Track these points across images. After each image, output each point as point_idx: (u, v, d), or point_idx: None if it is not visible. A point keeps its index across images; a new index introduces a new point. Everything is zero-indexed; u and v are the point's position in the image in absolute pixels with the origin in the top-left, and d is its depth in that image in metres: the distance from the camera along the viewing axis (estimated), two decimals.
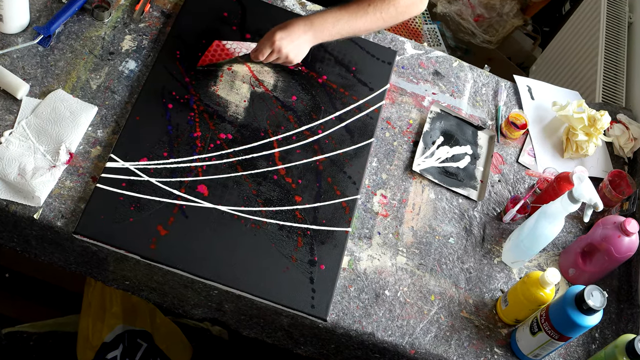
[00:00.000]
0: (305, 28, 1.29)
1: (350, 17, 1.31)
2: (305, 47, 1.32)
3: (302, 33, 1.29)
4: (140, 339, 1.73)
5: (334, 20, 1.30)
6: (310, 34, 1.30)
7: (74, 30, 1.40)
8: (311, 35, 1.30)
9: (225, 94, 1.39)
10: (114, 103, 1.33)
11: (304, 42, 1.31)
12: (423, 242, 1.34)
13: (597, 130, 1.50)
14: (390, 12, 1.32)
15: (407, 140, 1.46)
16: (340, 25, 1.31)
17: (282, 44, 1.27)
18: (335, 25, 1.31)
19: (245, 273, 1.21)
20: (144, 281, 1.28)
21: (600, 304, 1.12)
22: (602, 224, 1.30)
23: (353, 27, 1.33)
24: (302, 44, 1.30)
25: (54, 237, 1.23)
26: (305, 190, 1.32)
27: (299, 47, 1.30)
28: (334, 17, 1.31)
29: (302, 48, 1.31)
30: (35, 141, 1.25)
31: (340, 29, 1.32)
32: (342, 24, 1.31)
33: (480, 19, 2.74)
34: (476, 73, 1.61)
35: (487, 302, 1.32)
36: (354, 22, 1.31)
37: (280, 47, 1.28)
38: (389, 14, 1.32)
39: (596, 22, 2.05)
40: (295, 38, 1.29)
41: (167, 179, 1.26)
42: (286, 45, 1.28)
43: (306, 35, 1.30)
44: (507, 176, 1.48)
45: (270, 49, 1.28)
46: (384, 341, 1.23)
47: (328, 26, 1.30)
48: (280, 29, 1.28)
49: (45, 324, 1.81)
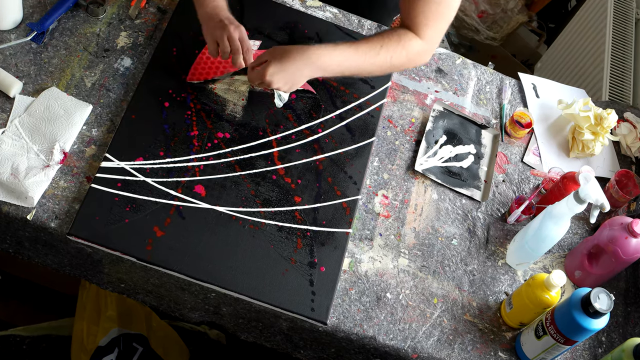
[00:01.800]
0: (303, 64, 1.21)
1: (359, 59, 1.24)
2: (301, 80, 1.25)
3: (297, 70, 1.22)
4: (136, 343, 1.73)
5: (342, 60, 1.24)
6: (308, 71, 1.23)
7: (68, 27, 1.40)
8: (309, 72, 1.24)
9: (223, 93, 1.39)
10: (109, 101, 1.33)
11: (300, 76, 1.24)
12: (425, 243, 1.34)
13: (604, 129, 1.50)
14: (401, 58, 1.27)
15: (409, 140, 1.46)
16: (346, 66, 1.25)
17: (273, 79, 1.21)
18: (341, 66, 1.24)
19: (243, 275, 1.21)
20: (139, 284, 1.28)
21: (607, 306, 1.12)
22: (609, 225, 1.30)
23: (359, 69, 1.27)
24: (297, 78, 1.24)
25: (48, 239, 1.23)
26: (305, 190, 1.32)
27: (292, 82, 1.24)
28: (343, 56, 1.23)
29: (296, 81, 1.25)
30: (29, 140, 1.25)
31: (345, 69, 1.26)
32: (348, 64, 1.24)
33: (484, 15, 2.74)
34: (480, 70, 1.61)
35: (491, 305, 1.32)
36: (361, 64, 1.25)
37: (270, 82, 1.22)
38: (399, 59, 1.27)
39: (603, 18, 2.05)
40: (290, 73, 1.22)
41: (163, 179, 1.26)
42: (277, 81, 1.21)
43: (303, 71, 1.23)
44: (512, 176, 1.48)
45: (260, 80, 1.22)
46: (386, 345, 1.24)
47: (333, 66, 1.24)
48: (275, 60, 1.20)
49: (38, 328, 1.81)
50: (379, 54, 1.25)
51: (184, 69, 1.38)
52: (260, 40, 1.46)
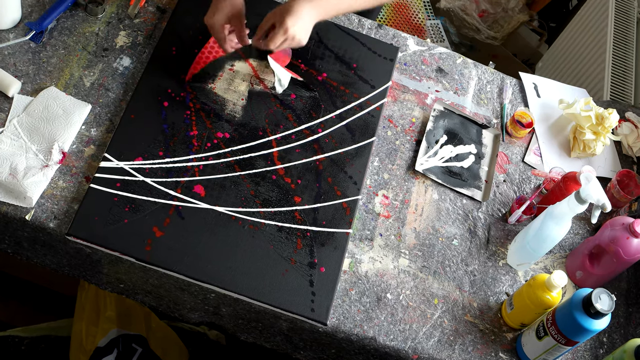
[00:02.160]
0: (311, 7, 1.27)
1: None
2: (311, 27, 1.31)
3: (308, 14, 1.27)
4: (135, 344, 1.73)
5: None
6: (315, 12, 1.29)
7: (67, 26, 1.40)
8: (316, 14, 1.29)
9: (223, 92, 1.39)
10: (108, 101, 1.34)
11: (311, 22, 1.30)
12: (426, 244, 1.35)
13: (605, 128, 1.50)
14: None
15: (410, 139, 1.46)
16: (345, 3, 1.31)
17: (295, 30, 1.26)
18: (338, 4, 1.31)
19: (243, 276, 1.21)
20: (139, 284, 1.28)
21: (609, 307, 1.12)
22: (610, 226, 1.30)
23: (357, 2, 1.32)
24: (309, 25, 1.29)
25: (47, 239, 1.23)
26: (305, 190, 1.32)
27: (307, 29, 1.29)
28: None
29: (309, 29, 1.30)
30: (27, 140, 1.25)
31: (347, 6, 1.32)
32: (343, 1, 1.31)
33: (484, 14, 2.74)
34: (481, 70, 1.61)
35: (492, 306, 1.32)
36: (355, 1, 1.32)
37: (294, 35, 1.27)
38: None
39: (604, 17, 2.05)
40: (306, 22, 1.27)
41: (162, 179, 1.26)
42: (299, 31, 1.27)
43: (312, 15, 1.28)
44: (513, 176, 1.48)
45: (284, 37, 1.27)
46: (386, 346, 1.24)
47: (333, 2, 1.30)
48: (288, 14, 1.25)
49: (37, 328, 1.81)
50: None
51: (184, 68, 1.38)
52: None
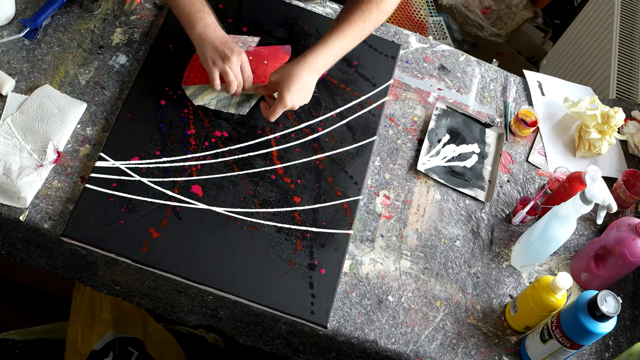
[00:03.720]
0: (309, 73, 1.29)
1: (348, 43, 1.32)
2: (312, 88, 1.32)
3: (307, 80, 1.29)
4: (132, 347, 1.73)
5: (336, 54, 1.31)
6: (315, 76, 1.30)
7: (62, 23, 1.40)
8: (315, 77, 1.31)
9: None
10: (103, 99, 1.34)
11: (311, 85, 1.31)
12: (428, 245, 1.35)
13: (611, 127, 1.50)
14: (379, 19, 1.34)
15: (412, 139, 1.46)
16: (341, 54, 1.33)
17: (295, 102, 1.29)
18: (338, 57, 1.32)
19: (241, 278, 1.21)
20: (135, 286, 1.28)
21: (614, 310, 1.12)
22: (616, 226, 1.30)
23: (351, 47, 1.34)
24: (310, 88, 1.31)
25: (41, 240, 1.23)
26: (305, 190, 1.32)
27: (308, 93, 1.31)
28: (335, 50, 1.31)
29: (311, 91, 1.32)
30: (22, 139, 1.25)
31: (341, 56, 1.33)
32: (341, 53, 1.32)
33: (488, 11, 2.74)
34: (484, 68, 1.61)
35: (496, 308, 1.32)
36: (351, 46, 1.33)
37: (294, 106, 1.29)
38: (378, 20, 1.34)
39: (610, 14, 2.05)
40: (305, 90, 1.29)
41: (159, 179, 1.26)
42: (298, 100, 1.29)
43: (312, 79, 1.30)
44: (517, 176, 1.48)
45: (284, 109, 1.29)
46: (387, 349, 1.24)
47: (331, 60, 1.31)
48: (287, 87, 1.26)
49: (31, 331, 1.81)
50: (364, 30, 1.33)
51: (181, 66, 1.38)
52: (259, 37, 1.46)
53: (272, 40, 1.47)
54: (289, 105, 1.28)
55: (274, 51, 1.44)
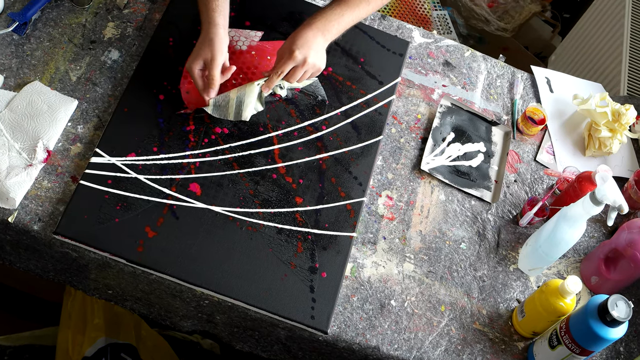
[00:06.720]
0: (314, 33, 1.29)
1: (352, 11, 1.33)
2: (324, 51, 1.33)
3: (314, 38, 1.29)
4: (124, 353, 1.73)
5: (338, 18, 1.32)
6: (320, 36, 1.31)
7: (52, 17, 1.40)
8: (321, 37, 1.31)
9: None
10: (95, 96, 1.34)
11: (321, 46, 1.32)
12: (432, 247, 1.35)
13: (622, 125, 1.50)
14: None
15: (415, 137, 1.46)
16: (344, 21, 1.33)
17: (305, 54, 1.28)
18: (340, 23, 1.33)
19: (239, 280, 1.21)
20: (128, 290, 1.28)
21: (626, 314, 1.12)
22: (628, 228, 1.30)
23: (355, 19, 1.35)
24: (320, 48, 1.32)
25: (31, 243, 1.23)
26: (307, 191, 1.32)
27: (320, 53, 1.32)
28: (337, 14, 1.32)
29: (322, 52, 1.33)
30: (10, 138, 1.25)
31: (345, 24, 1.34)
32: (345, 19, 1.33)
33: (494, 4, 2.75)
34: (490, 63, 1.62)
35: (502, 313, 1.32)
36: (356, 14, 1.34)
37: (305, 58, 1.29)
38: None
39: (621, 7, 2.06)
40: (312, 45, 1.29)
41: (156, 176, 1.26)
42: (310, 54, 1.29)
43: (318, 39, 1.31)
44: (524, 176, 1.48)
45: (294, 64, 1.29)
46: (390, 355, 1.24)
47: (334, 25, 1.32)
48: (293, 42, 1.28)
49: (21, 337, 1.81)
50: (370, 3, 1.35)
51: (181, 60, 1.38)
52: (263, 31, 1.46)
53: (276, 35, 1.47)
54: (299, 57, 1.27)
55: (278, 46, 1.44)
